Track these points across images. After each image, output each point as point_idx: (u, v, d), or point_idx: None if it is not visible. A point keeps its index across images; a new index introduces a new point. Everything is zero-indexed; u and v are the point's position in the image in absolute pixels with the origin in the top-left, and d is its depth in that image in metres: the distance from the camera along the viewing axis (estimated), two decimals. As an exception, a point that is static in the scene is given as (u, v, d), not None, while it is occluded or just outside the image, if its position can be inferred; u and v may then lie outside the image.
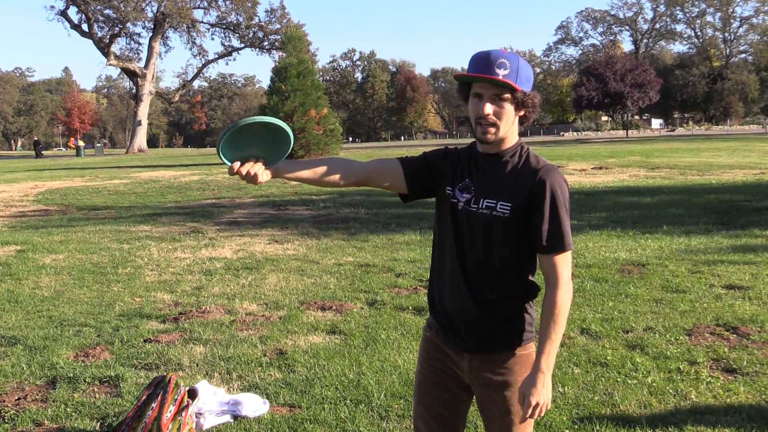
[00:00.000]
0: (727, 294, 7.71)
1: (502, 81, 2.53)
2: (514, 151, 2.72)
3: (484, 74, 2.56)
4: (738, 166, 23.71)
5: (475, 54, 2.62)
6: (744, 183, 18.79)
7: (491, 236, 2.68)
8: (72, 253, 11.52)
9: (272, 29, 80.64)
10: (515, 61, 2.58)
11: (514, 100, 2.60)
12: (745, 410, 4.80)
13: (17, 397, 5.43)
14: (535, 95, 2.66)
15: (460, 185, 2.74)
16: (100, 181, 26.70)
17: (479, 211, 2.67)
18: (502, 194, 2.65)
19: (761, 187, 17.73)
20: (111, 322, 7.37)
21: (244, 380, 5.66)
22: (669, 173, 22.26)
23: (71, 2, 77.49)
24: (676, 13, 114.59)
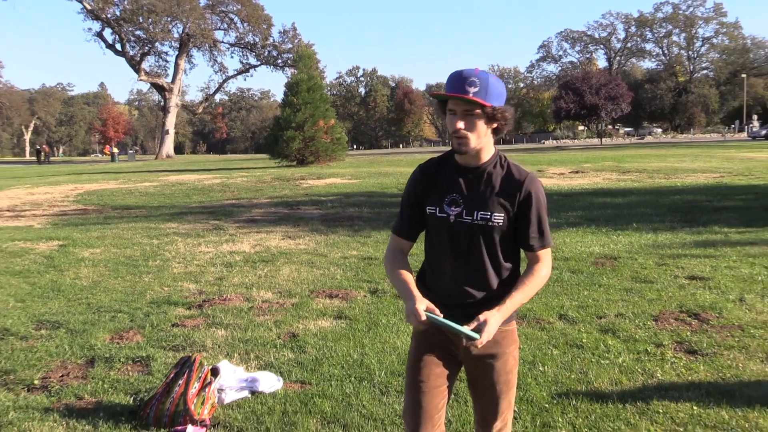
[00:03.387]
0: (689, 284, 7.72)
1: (470, 99, 2.56)
2: (494, 162, 2.74)
3: (456, 93, 2.59)
4: (700, 170, 23.69)
5: (450, 74, 2.64)
6: (705, 185, 18.78)
7: (488, 242, 2.73)
8: (108, 248, 11.54)
9: (285, 48, 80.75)
10: (485, 79, 2.59)
11: (485, 114, 2.61)
12: (704, 387, 4.81)
13: (61, 374, 5.46)
14: (506, 109, 2.66)
15: (447, 200, 2.76)
16: (132, 184, 26.70)
17: (475, 222, 2.70)
18: (495, 206, 2.69)
19: (720, 189, 17.73)
20: (142, 309, 7.39)
21: (261, 360, 5.68)
22: (638, 177, 22.24)
23: (106, 24, 77.69)
24: (646, 34, 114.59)
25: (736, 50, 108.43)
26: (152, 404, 4.53)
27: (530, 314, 6.66)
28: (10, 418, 4.64)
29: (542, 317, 6.57)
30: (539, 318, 6.55)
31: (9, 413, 4.72)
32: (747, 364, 5.24)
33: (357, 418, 4.47)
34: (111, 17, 77.88)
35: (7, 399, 4.98)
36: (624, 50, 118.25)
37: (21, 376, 5.45)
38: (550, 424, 4.28)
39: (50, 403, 4.89)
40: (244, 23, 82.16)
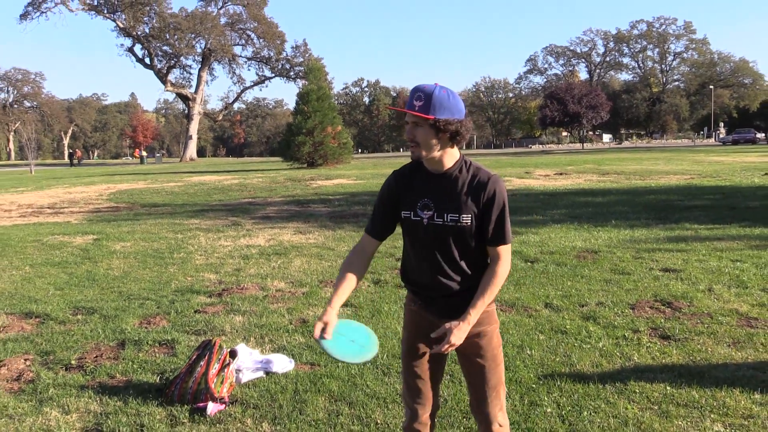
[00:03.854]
0: (663, 275, 7.71)
1: (411, 113, 2.63)
2: (459, 167, 2.74)
3: (403, 108, 2.67)
4: (672, 173, 23.67)
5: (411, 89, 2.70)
6: (677, 186, 18.76)
7: (458, 240, 2.73)
8: (137, 241, 11.55)
9: (297, 62, 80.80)
10: (430, 94, 2.61)
11: (430, 126, 2.62)
12: (676, 369, 4.80)
13: (95, 355, 5.47)
14: (452, 121, 2.63)
15: (420, 204, 2.77)
16: (159, 184, 26.73)
17: (445, 224, 2.71)
18: (463, 208, 2.69)
19: (690, 189, 17.71)
20: (168, 297, 7.40)
21: (274, 343, 5.67)
22: (617, 178, 22.22)
23: (137, 41, 77.98)
24: (623, 49, 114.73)
25: (705, 64, 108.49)
26: (176, 383, 4.53)
27: (518, 303, 6.66)
28: (50, 394, 4.65)
29: (529, 305, 6.56)
30: (527, 306, 6.54)
31: (49, 390, 4.74)
32: (715, 348, 5.23)
33: (361, 396, 4.47)
34: (141, 34, 78.12)
35: (47, 377, 5.00)
36: (603, 64, 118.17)
37: (60, 356, 5.46)
38: (537, 402, 4.28)
39: (86, 381, 4.90)
40: (260, 39, 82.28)
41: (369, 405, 4.33)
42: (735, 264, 8.13)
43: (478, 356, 2.85)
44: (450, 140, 2.68)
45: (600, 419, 4.03)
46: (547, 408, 4.19)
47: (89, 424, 4.19)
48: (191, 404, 4.38)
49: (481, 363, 2.86)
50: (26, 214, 17.10)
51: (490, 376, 2.87)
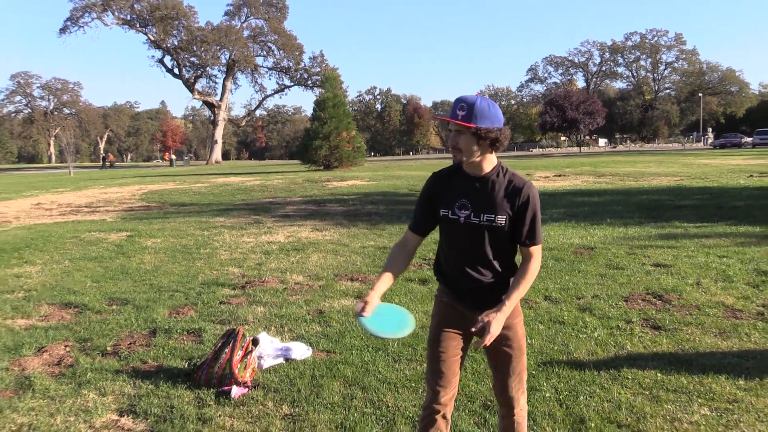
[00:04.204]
0: (654, 270, 7.68)
1: (455, 122, 2.68)
2: (496, 172, 2.79)
3: (448, 117, 2.71)
4: (663, 174, 23.53)
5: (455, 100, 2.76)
6: (668, 187, 18.66)
7: (492, 239, 2.79)
8: (167, 238, 11.60)
9: (314, 72, 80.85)
10: (472, 103, 2.67)
11: (472, 134, 2.68)
12: (666, 357, 4.79)
13: (129, 342, 5.51)
14: (492, 129, 2.69)
15: (458, 204, 2.81)
16: (187, 185, 26.82)
17: (481, 223, 2.77)
18: (498, 210, 2.75)
19: (681, 190, 17.61)
20: (195, 289, 7.43)
21: (293, 332, 5.69)
22: (612, 179, 22.12)
23: (166, 53, 78.44)
24: (618, 59, 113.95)
25: (694, 73, 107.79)
26: (203, 368, 4.56)
27: (519, 295, 6.65)
28: (88, 378, 4.69)
29: (530, 298, 6.55)
30: (527, 299, 6.52)
31: (87, 374, 4.78)
32: (702, 338, 5.21)
33: (374, 381, 4.48)
34: (170, 46, 78.45)
35: (85, 362, 5.03)
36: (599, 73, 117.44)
37: (96, 343, 5.50)
38: (537, 387, 4.28)
39: (120, 366, 4.93)
40: (280, 51, 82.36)
41: (381, 389, 4.34)
42: (721, 259, 8.09)
43: (506, 346, 2.92)
44: (490, 147, 2.74)
45: (595, 403, 4.03)
46: (546, 393, 4.20)
47: (123, 406, 4.23)
48: (217, 388, 4.40)
49: (508, 352, 2.93)
50: (65, 212, 17.20)
51: (516, 364, 2.95)
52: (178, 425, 3.91)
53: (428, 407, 3.00)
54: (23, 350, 5.37)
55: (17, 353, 5.31)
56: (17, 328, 6.06)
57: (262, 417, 4.01)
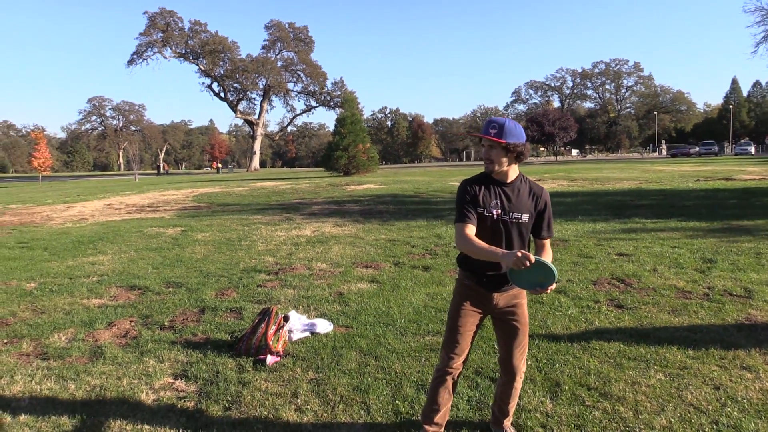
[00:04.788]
0: (618, 258, 7.61)
1: (488, 139, 2.77)
2: (520, 180, 2.91)
3: (482, 134, 2.81)
4: (625, 179, 23.33)
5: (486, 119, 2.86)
6: (630, 189, 18.49)
7: (518, 233, 2.89)
8: (214, 232, 11.61)
9: (336, 94, 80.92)
10: (502, 124, 2.78)
11: (502, 148, 2.77)
12: (628, 331, 4.74)
13: (182, 318, 5.51)
14: (518, 144, 2.79)
15: (491, 204, 2.86)
16: (230, 189, 26.89)
17: (511, 220, 2.86)
18: (524, 209, 2.86)
19: (640, 191, 17.44)
20: (237, 275, 7.42)
21: (318, 310, 5.67)
22: (582, 183, 21.96)
23: (214, 80, 79.01)
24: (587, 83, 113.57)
25: (650, 95, 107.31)
26: (243, 340, 4.55)
27: (505, 279, 6.61)
28: (148, 348, 4.70)
29: (514, 281, 6.50)
30: (511, 282, 6.49)
31: (148, 344, 4.78)
32: (658, 315, 5.16)
33: (384, 352, 4.46)
34: (217, 75, 78.80)
35: (146, 334, 5.04)
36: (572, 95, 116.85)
37: (156, 319, 5.51)
38: (519, 356, 4.24)
39: (175, 338, 4.93)
40: (307, 77, 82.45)
41: (390, 358, 4.31)
42: (674, 249, 8.00)
43: (514, 320, 3.02)
44: (515, 159, 2.83)
45: (569, 370, 3.99)
46: (528, 361, 4.15)
47: (177, 371, 4.22)
48: (254, 356, 4.40)
49: (516, 326, 3.02)
50: (131, 211, 17.28)
51: (522, 337, 3.04)
52: (222, 387, 3.90)
53: (441, 369, 3.04)
54: (96, 324, 5.39)
55: (91, 327, 5.33)
56: (92, 306, 6.08)
57: (291, 381, 4.00)
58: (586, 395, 3.62)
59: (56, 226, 13.58)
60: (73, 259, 8.88)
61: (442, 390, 3.03)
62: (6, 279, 7.55)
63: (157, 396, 3.83)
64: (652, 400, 3.54)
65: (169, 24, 75.24)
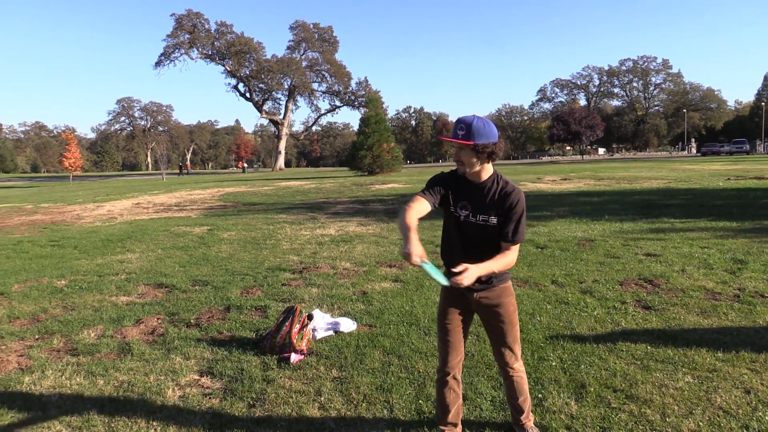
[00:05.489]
0: (646, 259, 7.49)
1: (455, 142, 2.67)
2: (492, 180, 2.80)
3: (449, 137, 2.70)
4: (653, 178, 22.96)
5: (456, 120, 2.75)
6: (657, 189, 18.20)
7: (484, 234, 2.80)
8: (239, 231, 11.72)
9: (360, 94, 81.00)
10: (470, 123, 2.67)
11: (471, 149, 2.68)
12: (655, 332, 4.66)
13: (208, 316, 5.57)
14: (489, 144, 2.67)
15: (460, 204, 2.83)
16: (256, 188, 27.12)
17: (477, 222, 2.80)
18: (491, 211, 2.76)
19: (669, 191, 17.16)
20: (262, 273, 7.48)
21: (341, 309, 5.69)
22: (609, 183, 21.67)
23: (240, 80, 79.82)
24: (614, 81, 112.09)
25: (679, 92, 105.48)
26: (267, 338, 4.58)
27: (531, 280, 6.55)
28: (175, 345, 4.76)
29: (540, 282, 6.44)
30: (537, 283, 6.42)
31: (174, 341, 4.85)
32: (686, 316, 5.06)
33: (407, 351, 4.45)
34: (243, 75, 79.54)
35: (173, 332, 5.11)
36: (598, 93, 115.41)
37: (182, 316, 5.58)
38: (545, 357, 4.20)
39: (201, 335, 4.99)
40: (332, 77, 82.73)
41: (413, 357, 4.31)
42: (703, 250, 7.85)
43: (499, 322, 2.97)
44: (487, 158, 2.74)
45: (594, 371, 3.94)
46: (552, 362, 4.12)
47: (203, 368, 4.27)
48: (278, 354, 4.43)
49: (500, 327, 2.98)
50: (159, 210, 17.53)
51: (507, 336, 2.99)
52: (247, 384, 3.94)
53: (441, 370, 3.06)
54: (124, 321, 5.48)
55: (120, 324, 5.42)
56: (120, 303, 6.18)
57: (315, 379, 4.02)
58: (611, 397, 3.57)
59: (86, 225, 13.85)
60: (102, 257, 9.05)
61: (447, 390, 3.05)
62: (38, 276, 7.72)
63: (183, 392, 3.88)
64: (680, 403, 3.47)
65: (195, 26, 76.16)
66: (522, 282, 6.48)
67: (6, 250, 10.06)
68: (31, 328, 5.39)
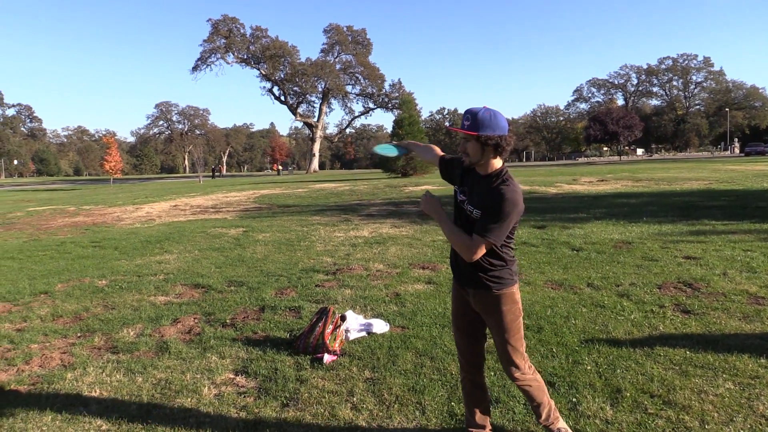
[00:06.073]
0: (685, 262, 7.32)
1: (459, 131, 2.66)
2: (495, 174, 2.70)
3: (456, 128, 2.71)
4: (694, 179, 22.40)
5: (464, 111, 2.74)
6: (698, 190, 17.75)
7: (469, 225, 2.76)
8: (274, 233, 11.85)
9: (393, 96, 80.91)
10: (476, 113, 2.62)
11: (476, 140, 2.63)
12: (695, 337, 4.56)
13: (243, 316, 5.65)
14: (494, 136, 2.61)
15: (461, 189, 2.84)
16: (290, 190, 27.38)
17: (466, 211, 2.77)
18: (477, 205, 2.70)
19: (709, 192, 16.72)
20: (296, 274, 7.55)
21: (374, 311, 5.71)
22: (648, 184, 21.22)
23: (274, 84, 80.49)
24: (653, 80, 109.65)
25: (721, 91, 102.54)
26: (301, 338, 4.63)
27: (566, 282, 6.47)
28: (211, 344, 4.84)
29: (575, 285, 6.36)
30: (573, 285, 6.34)
31: (210, 341, 4.93)
32: (728, 321, 4.93)
33: (440, 353, 4.44)
34: (277, 79, 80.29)
35: (209, 331, 5.20)
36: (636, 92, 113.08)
37: (218, 316, 5.67)
38: (579, 361, 4.15)
39: (236, 335, 5.07)
40: (365, 80, 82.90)
41: (446, 360, 4.30)
42: (746, 253, 7.63)
43: (493, 329, 2.88)
44: (493, 152, 2.67)
45: (630, 376, 3.87)
46: (587, 366, 4.06)
47: (238, 367, 4.34)
48: (312, 355, 4.47)
49: (495, 336, 2.88)
50: (196, 212, 17.84)
51: (502, 345, 2.87)
52: (281, 384, 3.99)
53: (461, 374, 3.07)
54: (162, 321, 5.61)
55: (158, 323, 5.54)
56: (158, 303, 6.33)
57: (348, 380, 4.04)
58: (648, 402, 3.51)
59: (126, 227, 14.20)
60: (141, 258, 9.26)
61: (468, 393, 3.05)
62: (80, 276, 7.95)
63: (219, 391, 3.95)
64: (720, 410, 3.39)
65: (231, 30, 77.29)
66: (557, 285, 6.41)
67: (50, 251, 10.39)
68: (74, 327, 5.56)
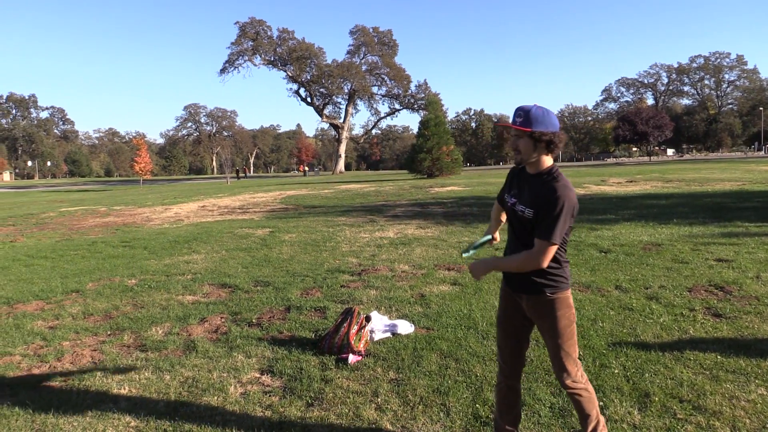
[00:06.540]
0: (716, 264, 7.17)
1: (513, 128, 2.62)
2: (547, 172, 2.65)
3: (507, 123, 2.67)
4: (726, 180, 21.93)
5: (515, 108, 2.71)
6: (730, 191, 17.38)
7: (522, 226, 2.71)
8: (300, 233, 11.92)
9: (419, 97, 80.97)
10: (528, 110, 2.58)
11: (529, 136, 2.59)
12: (726, 342, 4.46)
13: (269, 316, 5.69)
14: (548, 133, 2.58)
15: (512, 192, 2.80)
16: (316, 191, 27.52)
17: (519, 211, 2.70)
18: (529, 203, 2.65)
19: (742, 193, 16.36)
20: (321, 275, 7.59)
21: (399, 312, 5.71)
22: (678, 184, 20.84)
23: (301, 85, 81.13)
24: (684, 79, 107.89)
25: (755, 90, 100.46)
26: (326, 338, 4.65)
27: (593, 285, 6.38)
28: (238, 343, 4.90)
29: (602, 287, 6.27)
30: (600, 288, 6.26)
31: (237, 340, 4.98)
32: (761, 326, 4.82)
33: (465, 354, 4.43)
34: (304, 80, 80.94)
35: (236, 330, 5.26)
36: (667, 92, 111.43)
37: (244, 316, 5.73)
38: (607, 365, 4.09)
39: (262, 335, 5.11)
40: (391, 81, 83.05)
41: (471, 361, 4.28)
42: (781, 256, 7.45)
43: (546, 334, 2.82)
44: (546, 149, 2.64)
45: (659, 380, 3.81)
46: (614, 369, 4.01)
47: (264, 366, 4.38)
48: (336, 355, 4.49)
49: (548, 340, 2.82)
50: (224, 212, 18.05)
51: (555, 351, 2.80)
52: (306, 383, 4.02)
53: (498, 377, 3.03)
54: (190, 320, 5.69)
55: (185, 322, 5.62)
56: (186, 302, 6.42)
57: (372, 380, 4.05)
58: (677, 407, 3.45)
59: (155, 227, 14.43)
60: (169, 258, 9.40)
61: (503, 396, 3.01)
62: (110, 275, 8.11)
63: (245, 389, 3.99)
64: (752, 417, 3.31)
65: (258, 33, 78.08)
66: (584, 287, 6.33)
67: (82, 250, 10.61)
68: (104, 325, 5.67)
